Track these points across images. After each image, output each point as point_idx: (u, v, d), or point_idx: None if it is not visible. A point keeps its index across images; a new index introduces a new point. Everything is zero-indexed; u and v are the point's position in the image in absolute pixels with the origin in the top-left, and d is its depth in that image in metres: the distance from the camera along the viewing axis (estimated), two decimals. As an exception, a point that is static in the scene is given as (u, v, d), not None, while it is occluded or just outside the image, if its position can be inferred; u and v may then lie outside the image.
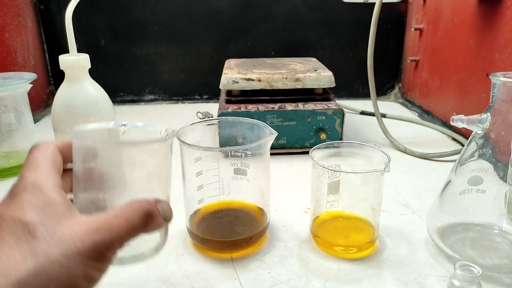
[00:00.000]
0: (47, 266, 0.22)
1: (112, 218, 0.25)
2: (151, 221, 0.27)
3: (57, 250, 0.23)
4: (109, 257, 0.25)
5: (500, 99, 0.39)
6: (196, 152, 0.43)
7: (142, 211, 0.27)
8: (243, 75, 0.74)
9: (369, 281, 0.40)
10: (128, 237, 0.26)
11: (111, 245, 0.25)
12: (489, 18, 0.70)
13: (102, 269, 0.26)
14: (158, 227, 0.29)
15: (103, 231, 0.25)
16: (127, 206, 0.27)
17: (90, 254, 0.24)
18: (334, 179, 0.44)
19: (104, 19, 1.06)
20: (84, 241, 0.24)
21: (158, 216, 0.28)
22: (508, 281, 0.40)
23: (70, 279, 0.23)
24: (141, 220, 0.26)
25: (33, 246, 0.23)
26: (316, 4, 1.07)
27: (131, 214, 0.26)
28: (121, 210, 0.26)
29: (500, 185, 0.41)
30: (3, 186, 0.62)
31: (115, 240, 0.25)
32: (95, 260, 0.24)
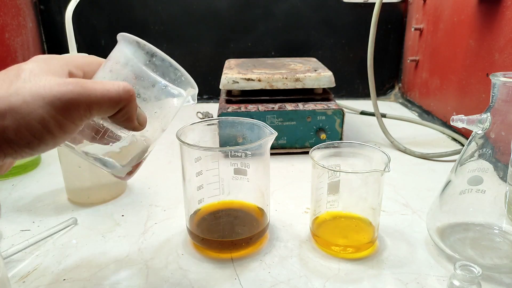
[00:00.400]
0: (13, 98, 0.25)
1: (90, 81, 0.27)
2: (125, 101, 0.28)
3: (27, 89, 0.25)
4: (74, 115, 0.26)
5: (500, 99, 0.39)
6: (196, 152, 0.43)
7: (122, 86, 0.28)
8: (243, 75, 0.74)
9: (369, 281, 0.40)
10: (97, 104, 0.27)
11: (77, 101, 0.26)
12: (489, 18, 0.70)
13: (64, 125, 0.26)
14: (128, 118, 0.29)
15: (74, 85, 0.26)
16: (112, 81, 0.29)
17: (54, 102, 0.25)
18: (334, 179, 0.44)
19: (104, 19, 1.06)
20: (52, 89, 0.26)
21: (133, 103, 0.29)
22: (508, 281, 0.40)
23: (35, 117, 0.25)
24: (117, 93, 0.28)
25: (13, 82, 0.26)
26: (316, 4, 1.07)
27: (110, 84, 0.28)
28: (104, 81, 0.28)
29: (500, 185, 0.41)
30: (3, 186, 0.62)
31: (83, 98, 0.26)
32: (59, 111, 0.26)
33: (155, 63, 0.32)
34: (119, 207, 0.55)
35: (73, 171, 0.54)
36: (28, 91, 0.25)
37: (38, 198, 0.58)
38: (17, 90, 0.25)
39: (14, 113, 0.25)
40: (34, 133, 0.25)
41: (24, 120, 0.25)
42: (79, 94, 0.26)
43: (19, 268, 0.42)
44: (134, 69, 0.31)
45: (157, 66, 0.32)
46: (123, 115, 0.29)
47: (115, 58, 0.32)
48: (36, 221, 0.52)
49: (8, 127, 0.25)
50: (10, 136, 0.25)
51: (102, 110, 0.28)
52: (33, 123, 0.25)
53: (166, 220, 0.52)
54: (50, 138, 0.26)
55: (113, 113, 0.29)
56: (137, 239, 0.47)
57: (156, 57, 0.32)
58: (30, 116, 0.25)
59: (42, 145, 0.26)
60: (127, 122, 0.30)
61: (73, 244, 0.46)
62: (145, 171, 0.66)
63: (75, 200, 0.56)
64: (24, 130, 0.25)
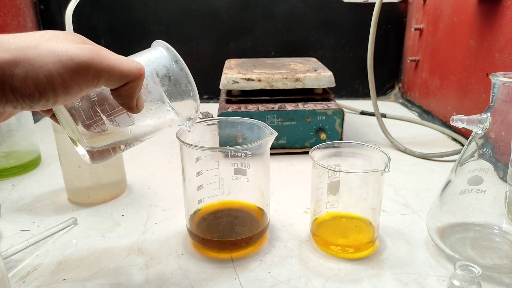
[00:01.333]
0: (31, 50, 0.26)
1: (106, 50, 0.29)
2: (133, 77, 0.29)
3: (46, 46, 0.27)
4: (81, 78, 0.27)
5: (500, 99, 0.39)
6: (196, 152, 0.43)
7: (135, 64, 0.30)
8: (243, 75, 0.74)
9: (369, 281, 0.40)
10: (107, 72, 0.28)
11: (88, 66, 0.27)
12: (489, 18, 0.70)
13: (68, 86, 0.27)
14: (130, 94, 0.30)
15: (90, 50, 0.27)
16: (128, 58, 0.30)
17: (66, 62, 0.26)
18: (334, 179, 0.44)
19: (104, 19, 1.06)
20: (69, 49, 0.27)
21: (140, 82, 0.30)
22: (508, 281, 0.40)
23: (43, 71, 0.26)
24: (128, 67, 0.29)
25: (37, 38, 0.27)
26: (316, 4, 1.07)
27: (124, 59, 0.29)
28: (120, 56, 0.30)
29: (500, 185, 0.41)
30: (3, 186, 0.62)
31: (94, 64, 0.27)
32: (69, 71, 0.26)
33: (174, 69, 0.34)
34: (119, 207, 0.55)
35: (73, 171, 0.54)
36: (46, 47, 0.26)
37: (38, 198, 0.58)
38: (37, 45, 0.26)
39: (27, 63, 0.26)
40: (38, 86, 0.26)
41: (33, 72, 0.26)
42: (92, 59, 0.27)
43: (19, 268, 0.42)
44: (156, 65, 0.33)
45: (175, 72, 0.34)
46: (127, 90, 0.30)
47: (141, 52, 0.35)
48: (36, 221, 0.52)
49: (17, 75, 0.26)
50: (15, 84, 0.26)
51: (109, 80, 0.29)
52: (40, 76, 0.26)
53: (166, 220, 0.52)
54: (52, 95, 0.27)
55: (118, 86, 0.30)
56: (137, 239, 0.47)
57: (178, 63, 0.34)
58: (39, 69, 0.26)
59: (42, 100, 0.27)
60: (127, 98, 0.31)
61: (73, 244, 0.46)
62: (145, 171, 0.66)
63: (75, 200, 0.56)
64: (30, 81, 0.26)
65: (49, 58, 0.26)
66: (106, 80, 0.28)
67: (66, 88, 0.27)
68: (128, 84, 0.30)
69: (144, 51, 0.35)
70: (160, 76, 0.33)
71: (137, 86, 0.30)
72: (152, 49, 0.35)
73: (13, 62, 0.26)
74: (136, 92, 0.31)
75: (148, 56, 0.34)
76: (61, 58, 0.26)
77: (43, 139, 0.80)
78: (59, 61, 0.26)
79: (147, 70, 0.32)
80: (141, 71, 0.30)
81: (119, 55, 0.30)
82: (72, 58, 0.27)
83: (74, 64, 0.27)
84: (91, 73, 0.27)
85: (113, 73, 0.28)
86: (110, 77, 0.28)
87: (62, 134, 0.52)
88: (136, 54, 0.35)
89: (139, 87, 0.31)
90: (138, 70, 0.30)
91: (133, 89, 0.30)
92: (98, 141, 0.34)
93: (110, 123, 0.33)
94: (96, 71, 0.28)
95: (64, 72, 0.26)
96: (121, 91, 0.30)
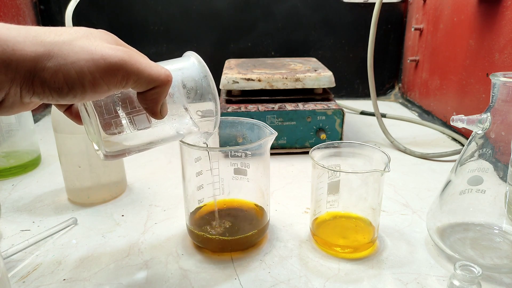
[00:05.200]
0: (66, 45, 0.27)
1: (138, 54, 0.30)
2: (160, 82, 0.30)
3: (81, 43, 0.27)
4: (111, 78, 0.28)
5: (500, 99, 0.39)
6: (196, 152, 0.43)
7: (164, 70, 0.30)
8: (243, 75, 0.74)
9: (369, 281, 0.40)
10: (136, 75, 0.28)
11: (119, 67, 0.28)
12: (489, 18, 0.70)
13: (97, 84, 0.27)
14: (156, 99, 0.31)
15: (123, 52, 0.28)
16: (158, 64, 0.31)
17: (98, 61, 0.27)
18: (334, 179, 0.44)
19: (104, 19, 1.06)
20: (103, 49, 0.27)
21: (166, 88, 0.31)
22: (508, 281, 0.40)
23: (75, 67, 0.27)
24: (157, 72, 0.30)
25: (72, 34, 0.28)
26: (316, 4, 1.07)
27: (154, 64, 0.30)
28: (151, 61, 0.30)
29: (500, 185, 0.41)
30: (3, 186, 0.62)
31: (126, 66, 0.28)
32: (99, 69, 0.27)
33: (202, 83, 0.34)
34: (119, 207, 0.55)
35: (73, 171, 0.54)
36: (80, 44, 0.27)
37: (38, 198, 0.58)
38: (72, 41, 0.27)
39: (60, 58, 0.26)
40: (68, 81, 0.27)
41: (65, 67, 0.26)
42: (124, 60, 0.28)
43: (19, 268, 0.42)
44: (184, 76, 0.34)
45: (202, 87, 0.34)
46: (153, 95, 0.30)
47: (173, 61, 0.35)
48: (36, 221, 0.52)
49: (49, 68, 0.26)
50: (46, 76, 0.26)
51: (138, 83, 0.29)
52: (71, 72, 0.26)
53: (166, 220, 0.52)
54: (80, 91, 0.27)
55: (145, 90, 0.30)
56: (137, 239, 0.47)
57: (206, 79, 0.35)
58: (72, 65, 0.26)
59: (70, 95, 0.27)
60: (152, 103, 0.31)
61: (73, 244, 0.46)
62: (145, 171, 0.66)
63: (75, 200, 0.56)
64: (60, 75, 0.26)
65: (82, 55, 0.27)
66: (135, 82, 0.29)
67: (95, 86, 0.27)
68: (155, 89, 0.30)
69: (175, 59, 0.35)
70: (187, 87, 0.34)
71: (164, 91, 0.31)
72: (183, 59, 0.35)
73: (47, 56, 0.26)
74: (162, 98, 0.31)
75: (179, 66, 0.34)
76: (94, 56, 0.27)
77: (43, 139, 0.80)
78: (91, 59, 0.27)
79: (175, 79, 0.33)
80: (169, 77, 0.30)
81: (150, 61, 0.30)
82: (104, 57, 0.27)
83: (106, 63, 0.27)
84: (121, 74, 0.28)
85: (142, 76, 0.29)
86: (139, 80, 0.29)
87: (62, 134, 0.52)
88: (167, 61, 0.35)
89: (165, 93, 0.31)
90: (166, 76, 0.30)
91: (159, 94, 0.31)
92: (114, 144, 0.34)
93: (129, 122, 0.33)
94: (126, 73, 0.28)
95: (95, 70, 0.27)
96: (147, 95, 0.30)
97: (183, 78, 0.34)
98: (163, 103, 0.32)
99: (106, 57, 0.27)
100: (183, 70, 0.34)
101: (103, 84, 0.28)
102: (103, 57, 0.27)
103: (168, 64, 0.34)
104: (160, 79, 0.30)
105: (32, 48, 0.26)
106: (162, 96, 0.31)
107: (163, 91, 0.31)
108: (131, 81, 0.29)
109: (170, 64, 0.35)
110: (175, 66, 0.34)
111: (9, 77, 0.26)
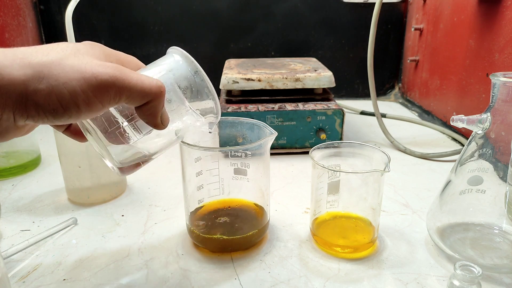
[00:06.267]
0: (54, 65, 0.26)
1: (127, 69, 0.29)
2: (154, 95, 0.30)
3: (70, 62, 0.27)
4: (104, 95, 0.28)
5: (500, 99, 0.39)
6: (196, 152, 0.43)
7: (155, 81, 0.30)
8: (243, 75, 0.74)
9: (369, 281, 0.40)
10: (128, 91, 0.28)
11: (111, 84, 0.27)
12: (489, 18, 0.70)
13: (91, 103, 0.27)
14: (153, 113, 0.31)
15: (113, 69, 0.28)
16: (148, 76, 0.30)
17: (90, 79, 0.27)
18: (334, 179, 0.44)
19: (104, 19, 1.06)
20: (93, 67, 0.27)
21: (161, 99, 0.30)
22: (508, 281, 0.40)
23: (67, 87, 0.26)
24: (149, 85, 0.29)
25: (59, 52, 0.27)
26: (316, 4, 1.07)
27: (145, 77, 0.30)
28: (142, 74, 0.30)
29: (500, 185, 0.41)
30: (3, 186, 0.62)
31: (117, 82, 0.28)
32: (92, 88, 0.27)
33: (195, 80, 0.34)
34: (119, 207, 0.55)
35: (73, 171, 0.54)
36: (70, 64, 0.27)
37: (38, 198, 0.58)
38: (60, 60, 0.27)
39: (51, 79, 0.26)
40: (62, 101, 0.26)
41: (57, 88, 0.26)
42: (115, 77, 0.28)
43: (19, 268, 0.42)
44: (176, 77, 0.33)
45: (196, 83, 0.34)
46: (149, 109, 0.30)
47: (161, 63, 0.34)
48: (36, 221, 0.52)
49: (41, 91, 0.26)
50: (39, 99, 0.26)
51: (131, 98, 0.29)
52: (64, 92, 0.26)
53: (166, 220, 0.52)
54: (75, 111, 0.27)
55: (140, 105, 0.30)
56: (137, 239, 0.47)
57: (198, 75, 0.34)
58: (64, 85, 0.26)
59: (65, 116, 0.27)
60: (151, 117, 0.31)
61: (73, 244, 0.46)
62: (145, 171, 0.66)
63: (75, 200, 0.56)
64: (54, 97, 0.26)
65: (73, 75, 0.26)
66: (128, 98, 0.29)
67: (89, 104, 0.27)
68: (150, 103, 0.30)
69: (162, 59, 0.35)
70: (182, 88, 0.34)
71: (159, 104, 0.31)
72: (169, 58, 0.35)
73: (37, 77, 0.26)
74: (159, 110, 0.31)
75: (168, 67, 0.34)
76: (85, 75, 0.27)
77: (43, 139, 0.80)
78: (83, 78, 0.27)
79: (168, 82, 0.32)
80: (161, 88, 0.30)
81: (141, 74, 0.30)
82: (95, 75, 0.27)
83: (98, 81, 0.27)
84: (114, 91, 0.28)
85: (134, 91, 0.29)
86: (131, 95, 0.29)
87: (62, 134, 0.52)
88: (154, 63, 0.35)
89: (161, 104, 0.31)
90: (158, 87, 0.30)
91: (155, 107, 0.30)
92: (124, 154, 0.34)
93: (133, 129, 0.33)
94: (118, 89, 0.28)
95: (88, 89, 0.27)
96: (144, 110, 0.30)
97: (175, 79, 0.34)
98: (163, 113, 0.32)
99: (97, 74, 0.27)
100: (174, 71, 0.34)
101: (97, 102, 0.28)
102: (94, 75, 0.27)
103: (156, 66, 0.34)
104: (152, 92, 0.29)
105: (21, 71, 0.26)
106: (159, 108, 0.31)
107: (158, 103, 0.30)
108: (124, 97, 0.29)
109: (158, 66, 0.34)
110: (164, 68, 0.34)
111: (0, 103, 0.25)
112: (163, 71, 0.34)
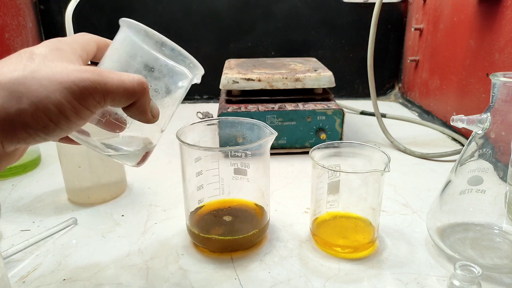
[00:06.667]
0: (28, 81, 0.25)
1: (106, 71, 0.28)
2: (139, 94, 0.29)
3: (43, 73, 0.25)
4: (89, 102, 0.27)
5: (500, 99, 0.39)
6: (196, 152, 0.43)
7: (137, 79, 0.28)
8: (243, 75, 0.74)
9: (369, 281, 0.40)
10: (112, 93, 0.27)
11: (93, 89, 0.26)
12: (489, 18, 0.70)
13: (79, 111, 0.27)
14: (142, 111, 0.30)
15: (91, 73, 0.27)
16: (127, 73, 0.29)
17: (72, 88, 0.26)
18: (334, 179, 0.44)
19: (104, 19, 1.06)
20: (70, 75, 0.26)
21: (147, 96, 0.29)
22: (508, 281, 0.40)
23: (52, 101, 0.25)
24: (131, 85, 0.28)
25: (27, 65, 0.26)
26: (316, 4, 1.07)
27: (125, 76, 0.28)
28: (119, 72, 0.29)
29: (500, 185, 0.41)
30: (3, 186, 0.62)
31: (99, 86, 0.27)
32: (76, 96, 0.26)
33: (165, 53, 0.32)
34: (119, 207, 0.55)
35: (73, 171, 0.54)
36: (44, 75, 0.25)
37: (38, 198, 0.58)
38: (32, 74, 0.25)
39: (31, 96, 0.25)
40: (50, 116, 0.25)
41: (41, 104, 0.25)
42: (95, 81, 0.27)
43: (19, 268, 0.42)
44: (144, 60, 0.31)
45: (167, 56, 0.32)
46: (137, 108, 0.30)
47: (122, 47, 0.32)
48: (36, 221, 0.52)
49: (25, 111, 0.25)
50: (26, 119, 0.25)
51: (116, 100, 0.28)
52: (50, 107, 0.25)
53: (166, 220, 0.52)
54: (66, 123, 0.26)
55: (127, 105, 0.29)
56: (137, 239, 0.47)
57: (166, 46, 0.32)
58: (47, 99, 0.25)
59: (57, 130, 0.27)
60: (141, 115, 0.30)
61: (73, 244, 0.46)
62: (145, 171, 0.66)
63: (75, 200, 0.56)
64: (41, 114, 0.25)
65: (52, 87, 0.25)
66: (113, 100, 0.28)
67: (78, 113, 0.27)
68: (136, 103, 0.29)
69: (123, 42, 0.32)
70: (156, 69, 0.32)
71: (145, 101, 0.30)
72: (131, 38, 0.32)
73: (15, 98, 0.24)
74: (147, 107, 0.30)
75: (133, 52, 0.31)
76: (65, 85, 0.26)
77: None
78: (64, 88, 0.25)
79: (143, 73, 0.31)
80: (144, 85, 0.29)
81: (120, 73, 0.29)
82: (76, 83, 0.26)
83: (80, 89, 0.26)
84: (98, 95, 0.27)
85: (118, 94, 0.28)
86: (116, 97, 0.28)
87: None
88: (118, 50, 0.32)
89: (148, 101, 0.30)
90: (141, 85, 0.29)
91: (143, 105, 0.30)
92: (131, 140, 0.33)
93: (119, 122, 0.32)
94: (101, 93, 0.27)
95: (72, 98, 0.26)
96: (133, 110, 0.30)
97: (146, 63, 0.31)
98: (151, 107, 0.31)
99: (77, 82, 0.26)
100: (140, 54, 0.31)
101: (84, 108, 0.27)
102: (74, 82, 0.26)
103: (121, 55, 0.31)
104: (136, 91, 0.28)
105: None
106: (146, 104, 0.30)
107: (144, 101, 0.29)
108: (108, 99, 0.28)
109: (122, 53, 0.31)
110: (130, 54, 0.31)
111: None
112: (130, 60, 0.31)
